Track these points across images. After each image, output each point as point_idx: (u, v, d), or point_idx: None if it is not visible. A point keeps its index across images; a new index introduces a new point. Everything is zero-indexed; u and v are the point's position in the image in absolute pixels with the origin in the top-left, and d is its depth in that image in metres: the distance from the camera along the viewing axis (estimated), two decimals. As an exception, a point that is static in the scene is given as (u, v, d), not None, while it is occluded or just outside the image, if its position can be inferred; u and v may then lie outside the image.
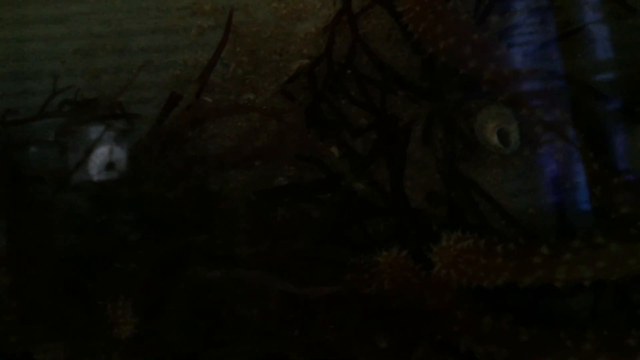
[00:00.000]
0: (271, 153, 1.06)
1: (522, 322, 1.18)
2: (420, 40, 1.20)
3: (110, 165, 1.09)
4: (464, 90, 1.27)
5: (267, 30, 1.28)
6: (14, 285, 1.02)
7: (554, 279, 1.16)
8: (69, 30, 1.25)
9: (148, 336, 1.04)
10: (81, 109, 1.11)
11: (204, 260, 1.06)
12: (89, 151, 1.07)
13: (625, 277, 1.17)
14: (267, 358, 1.06)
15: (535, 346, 1.15)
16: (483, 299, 1.17)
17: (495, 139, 1.23)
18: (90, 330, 1.00)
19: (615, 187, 1.20)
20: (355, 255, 1.18)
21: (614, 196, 1.20)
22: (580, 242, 1.17)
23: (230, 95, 1.27)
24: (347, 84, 1.27)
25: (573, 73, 1.27)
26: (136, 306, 1.03)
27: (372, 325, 1.03)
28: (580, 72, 1.28)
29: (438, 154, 1.27)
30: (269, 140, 1.07)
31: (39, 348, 1.04)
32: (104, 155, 1.10)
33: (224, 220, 1.11)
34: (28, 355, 1.04)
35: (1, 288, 1.03)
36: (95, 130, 1.10)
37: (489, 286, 1.15)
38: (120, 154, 1.11)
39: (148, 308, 1.09)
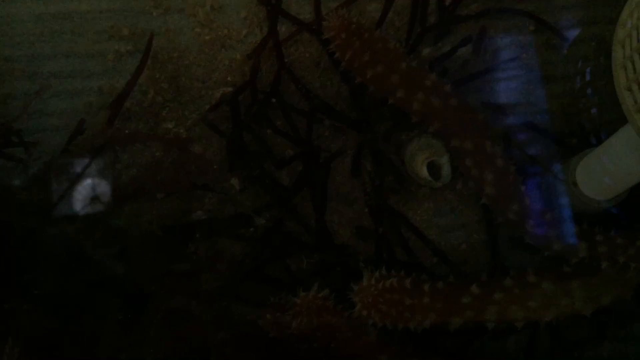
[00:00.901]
0: (170, 185, 1.00)
1: (452, 365, 1.12)
2: (348, 69, 1.16)
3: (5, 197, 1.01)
4: (393, 121, 1.22)
5: (189, 57, 1.22)
6: None
7: (484, 319, 1.10)
8: (-24, 53, 1.18)
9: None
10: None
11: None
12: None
13: (559, 317, 1.12)
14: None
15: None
16: (411, 342, 1.11)
17: (424, 172, 1.18)
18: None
19: (548, 223, 1.15)
20: (276, 294, 1.11)
21: (546, 232, 1.16)
22: (512, 281, 1.12)
23: (149, 123, 1.20)
24: (272, 113, 1.21)
25: (505, 104, 1.24)
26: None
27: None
28: (514, 103, 1.25)
29: (367, 187, 1.22)
30: (168, 171, 1.00)
31: None
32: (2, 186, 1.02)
33: (132, 256, 1.04)
34: None
35: None
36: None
37: (416, 328, 1.09)
38: (16, 185, 1.02)
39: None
